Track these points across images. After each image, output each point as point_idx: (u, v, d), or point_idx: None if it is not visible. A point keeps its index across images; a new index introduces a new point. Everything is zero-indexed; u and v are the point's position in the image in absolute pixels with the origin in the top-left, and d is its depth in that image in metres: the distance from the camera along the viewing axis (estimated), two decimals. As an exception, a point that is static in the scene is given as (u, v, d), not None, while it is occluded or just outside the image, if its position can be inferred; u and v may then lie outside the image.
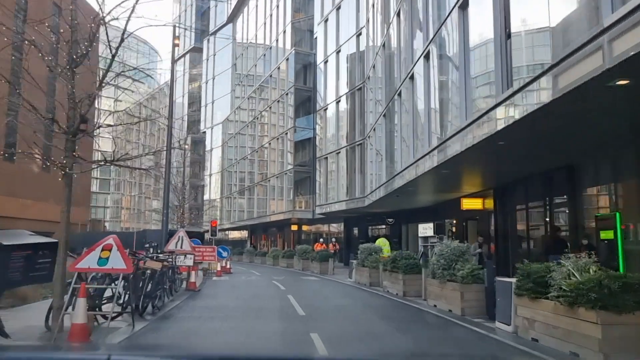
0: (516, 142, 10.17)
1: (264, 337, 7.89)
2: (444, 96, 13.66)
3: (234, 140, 53.92)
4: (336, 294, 15.37)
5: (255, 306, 11.95)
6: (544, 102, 7.65)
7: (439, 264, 10.70)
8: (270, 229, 49.42)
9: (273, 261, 35.57)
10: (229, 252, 26.28)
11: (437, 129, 14.39)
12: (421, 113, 16.36)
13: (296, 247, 30.17)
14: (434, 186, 18.24)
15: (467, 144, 11.12)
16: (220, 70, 61.93)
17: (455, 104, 12.68)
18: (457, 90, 12.44)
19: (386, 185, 20.97)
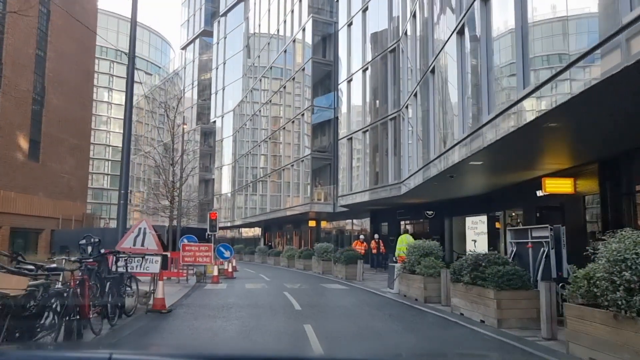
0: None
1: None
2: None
3: (245, 129, 48.95)
4: (385, 320, 9.72)
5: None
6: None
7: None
8: (285, 225, 44.36)
9: (288, 262, 30.45)
10: (232, 252, 21.25)
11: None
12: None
13: (315, 245, 25.10)
14: (510, 158, 12.87)
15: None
16: (232, 54, 57.03)
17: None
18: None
19: (435, 163, 15.66)
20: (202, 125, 63.70)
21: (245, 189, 48.37)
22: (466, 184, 18.11)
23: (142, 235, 10.12)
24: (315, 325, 8.01)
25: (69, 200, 39.87)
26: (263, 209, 42.51)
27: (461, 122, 13.28)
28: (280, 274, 23.29)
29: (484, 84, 11.68)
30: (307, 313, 10.04)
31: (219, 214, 58.37)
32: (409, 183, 19.48)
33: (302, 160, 33.65)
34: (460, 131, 13.20)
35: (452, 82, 14.32)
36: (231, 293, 13.82)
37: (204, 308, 10.91)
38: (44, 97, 37.21)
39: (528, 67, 9.39)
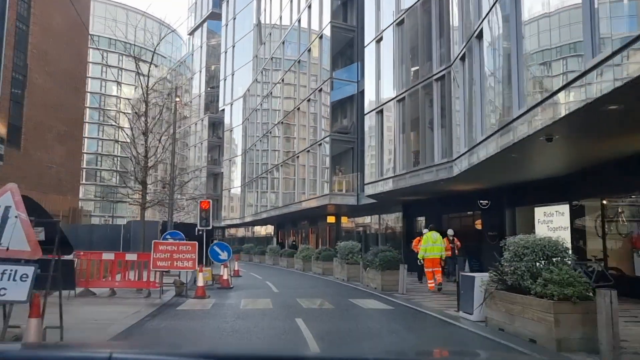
0: None
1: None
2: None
3: (255, 114, 43.94)
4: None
5: None
6: None
7: None
8: (300, 222, 39.23)
9: (303, 264, 25.32)
10: (229, 253, 16.19)
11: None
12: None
13: (337, 244, 19.96)
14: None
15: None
16: (242, 35, 52.08)
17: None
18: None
19: (516, 126, 10.40)
20: (210, 115, 58.93)
21: (256, 181, 43.37)
22: (546, 159, 12.86)
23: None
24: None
25: (57, 194, 34.91)
26: (275, 203, 37.42)
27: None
28: (293, 282, 18.17)
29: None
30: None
31: (228, 210, 53.64)
32: (460, 162, 14.17)
33: (319, 144, 28.47)
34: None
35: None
36: (210, 324, 8.53)
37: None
38: (26, 75, 32.60)
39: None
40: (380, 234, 27.66)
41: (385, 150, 21.17)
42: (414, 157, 19.40)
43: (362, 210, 28.96)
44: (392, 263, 14.32)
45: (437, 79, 17.40)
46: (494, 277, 7.77)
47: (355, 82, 27.75)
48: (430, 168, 17.45)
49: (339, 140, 27.48)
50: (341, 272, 19.01)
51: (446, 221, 22.75)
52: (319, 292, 13.91)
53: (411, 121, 19.24)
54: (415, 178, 18.40)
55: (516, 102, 10.89)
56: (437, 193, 20.40)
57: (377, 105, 21.62)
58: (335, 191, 27.22)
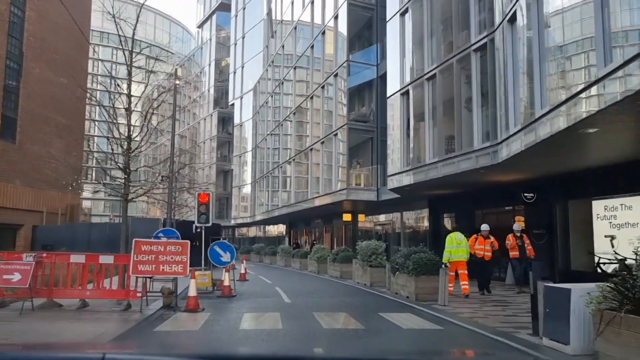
0: None
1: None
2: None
3: (266, 106, 41.51)
4: None
5: None
6: None
7: None
8: (313, 220, 36.70)
9: (318, 267, 22.81)
10: (233, 254, 13.73)
11: None
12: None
13: (358, 244, 17.39)
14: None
15: None
16: (252, 25, 49.72)
17: None
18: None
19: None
20: (220, 110, 56.63)
21: (267, 178, 40.93)
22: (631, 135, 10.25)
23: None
24: None
25: (56, 190, 32.61)
26: (287, 201, 34.93)
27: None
28: (307, 287, 15.64)
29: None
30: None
31: (239, 209, 51.26)
32: (530, 134, 11.49)
33: (335, 134, 25.91)
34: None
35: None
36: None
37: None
38: (21, 65, 30.48)
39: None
40: (403, 234, 25.03)
41: (412, 137, 18.55)
42: (447, 143, 16.78)
43: (382, 207, 26.36)
44: (429, 267, 11.72)
45: (476, 50, 14.75)
46: (612, 293, 5.16)
47: (375, 65, 25.17)
48: (468, 154, 14.80)
49: (357, 130, 24.89)
50: (363, 276, 16.45)
51: (480, 218, 20.05)
52: (340, 303, 11.35)
53: (443, 102, 16.60)
54: (449, 167, 15.77)
55: (601, 56, 8.26)
56: (470, 185, 17.77)
57: (402, 86, 19.00)
58: (353, 186, 24.64)
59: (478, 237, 13.26)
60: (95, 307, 9.65)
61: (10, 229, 29.79)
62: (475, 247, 13.08)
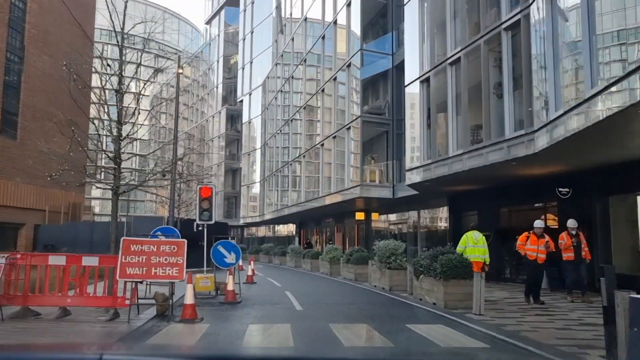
0: None
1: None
2: None
3: (275, 103, 40.20)
4: None
5: None
6: None
7: None
8: (324, 219, 35.35)
9: (330, 268, 21.43)
10: (238, 254, 12.41)
11: None
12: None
13: (375, 243, 15.97)
14: None
15: None
16: (260, 19, 48.47)
17: None
18: None
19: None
20: (228, 107, 55.42)
21: (276, 175, 39.62)
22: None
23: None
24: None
25: (59, 188, 31.45)
26: (297, 199, 33.58)
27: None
28: (321, 292, 14.25)
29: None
30: None
31: (248, 209, 49.99)
32: (576, 118, 10.00)
33: (348, 127, 24.50)
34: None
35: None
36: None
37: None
38: (23, 58, 29.44)
39: None
40: (420, 233, 23.57)
41: (432, 128, 17.10)
42: (473, 133, 15.34)
43: (397, 205, 24.93)
44: (460, 270, 10.28)
45: (507, 28, 13.28)
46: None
47: (390, 54, 23.75)
48: (499, 144, 13.33)
49: (371, 123, 23.46)
50: (381, 279, 15.04)
51: (505, 216, 18.63)
52: (360, 311, 9.96)
53: (469, 88, 15.14)
54: (475, 159, 14.31)
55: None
56: (497, 180, 16.31)
57: (421, 73, 17.55)
58: (367, 182, 23.23)
59: (530, 235, 11.31)
60: (78, 316, 8.36)
61: (11, 228, 28.75)
62: (527, 247, 11.21)
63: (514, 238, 18.46)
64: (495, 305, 10.58)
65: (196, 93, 67.73)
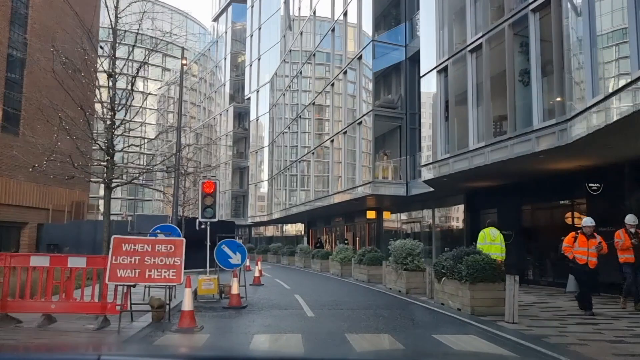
0: None
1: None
2: None
3: (283, 100, 39.30)
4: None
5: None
6: None
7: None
8: (333, 219, 34.39)
9: (341, 269, 20.47)
10: (244, 255, 11.49)
11: None
12: None
13: (390, 243, 14.94)
14: None
15: None
16: (268, 15, 47.61)
17: None
18: None
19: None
20: (236, 104, 54.61)
21: (284, 173, 38.71)
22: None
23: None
24: None
25: (63, 187, 30.77)
26: (306, 198, 32.61)
27: None
28: (333, 295, 13.26)
29: None
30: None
31: (255, 208, 49.08)
32: (620, 102, 8.94)
33: (359, 122, 23.50)
34: None
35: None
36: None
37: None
38: (25, 53, 28.77)
39: None
40: (435, 233, 22.53)
41: (451, 121, 16.07)
42: (496, 124, 14.30)
43: (410, 204, 23.92)
44: (489, 272, 9.26)
45: (535, 9, 12.23)
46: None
47: (403, 45, 22.73)
48: (526, 136, 12.28)
49: (383, 117, 22.45)
50: (397, 282, 14.03)
51: (527, 214, 17.56)
52: (378, 318, 8.97)
53: (492, 77, 14.10)
54: (500, 152, 13.27)
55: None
56: (519, 176, 15.28)
57: (439, 62, 16.52)
58: (380, 179, 22.23)
59: (578, 235, 9.74)
60: (63, 324, 7.45)
61: (14, 227, 28.04)
62: (575, 249, 9.68)
63: (536, 237, 17.55)
64: (526, 312, 9.56)
65: (203, 92, 67.07)
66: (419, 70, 21.26)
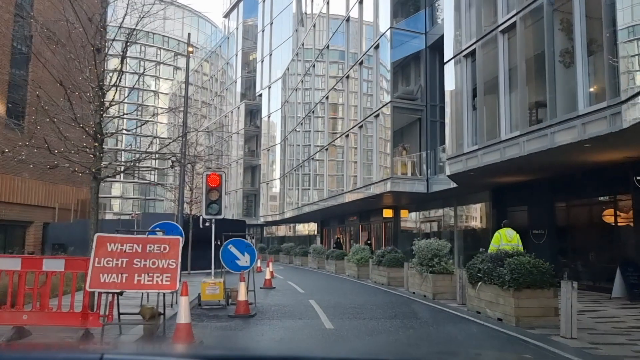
0: None
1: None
2: None
3: (296, 95, 38.10)
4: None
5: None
6: None
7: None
8: (348, 218, 33.11)
9: (358, 270, 19.21)
10: (253, 256, 10.28)
11: None
12: None
13: (415, 243, 13.62)
14: None
15: None
16: (280, 9, 46.46)
17: None
18: None
19: None
20: (247, 101, 53.52)
21: (297, 171, 37.49)
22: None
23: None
24: None
25: (69, 184, 29.78)
26: (319, 196, 31.35)
27: None
28: (352, 301, 11.97)
29: None
30: None
31: (267, 208, 47.96)
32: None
33: (376, 114, 22.20)
34: None
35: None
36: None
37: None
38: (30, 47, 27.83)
39: None
40: (457, 232, 21.15)
41: (479, 109, 14.70)
42: (532, 112, 12.92)
43: (430, 201, 22.56)
44: (536, 277, 7.92)
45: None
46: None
47: (423, 33, 21.38)
48: (569, 122, 10.89)
49: (402, 109, 21.11)
50: (422, 286, 12.73)
51: (562, 212, 16.10)
52: (408, 331, 7.68)
53: (527, 59, 12.73)
54: (538, 141, 11.88)
55: None
56: (553, 170, 13.90)
57: (465, 45, 15.16)
58: (399, 175, 20.90)
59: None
60: (39, 337, 6.28)
61: (19, 226, 27.15)
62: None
63: (572, 237, 16.12)
64: (579, 322, 8.20)
65: (215, 91, 66.16)
66: (440, 59, 19.90)
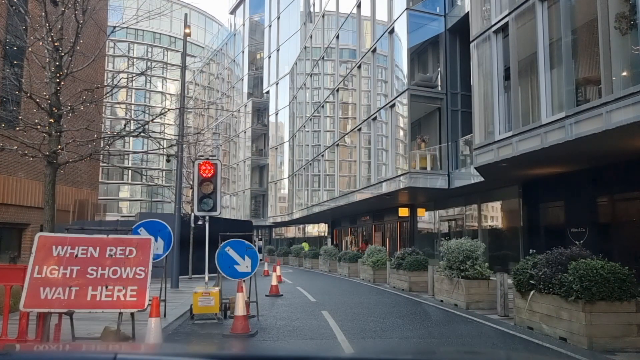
0: None
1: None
2: None
3: (304, 92, 36.45)
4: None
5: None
6: None
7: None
8: (359, 218, 31.37)
9: (374, 274, 17.48)
10: (256, 260, 8.61)
11: None
12: None
13: (441, 243, 11.82)
14: None
15: None
16: (287, 3, 44.89)
17: None
18: None
19: None
20: (254, 99, 51.96)
21: (306, 169, 35.83)
22: None
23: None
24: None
25: (69, 185, 28.38)
26: (329, 195, 29.66)
27: None
28: (373, 312, 10.23)
29: None
30: None
31: (275, 209, 46.33)
32: None
33: (392, 104, 20.47)
34: None
35: None
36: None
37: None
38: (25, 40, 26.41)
39: None
40: (482, 231, 19.34)
41: (513, 91, 12.92)
42: (578, 90, 11.14)
43: (451, 198, 20.79)
44: (615, 285, 6.18)
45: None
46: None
47: (442, 15, 19.63)
48: (631, 97, 9.11)
49: (420, 97, 19.35)
50: (452, 293, 10.98)
51: (605, 207, 14.23)
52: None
53: (572, 30, 10.96)
54: (588, 123, 10.09)
55: None
56: (596, 159, 12.10)
57: (496, 20, 13.39)
58: (417, 169, 19.15)
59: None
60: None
61: (15, 229, 25.76)
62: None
63: (617, 236, 14.31)
64: None
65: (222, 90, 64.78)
66: (461, 43, 18.17)
